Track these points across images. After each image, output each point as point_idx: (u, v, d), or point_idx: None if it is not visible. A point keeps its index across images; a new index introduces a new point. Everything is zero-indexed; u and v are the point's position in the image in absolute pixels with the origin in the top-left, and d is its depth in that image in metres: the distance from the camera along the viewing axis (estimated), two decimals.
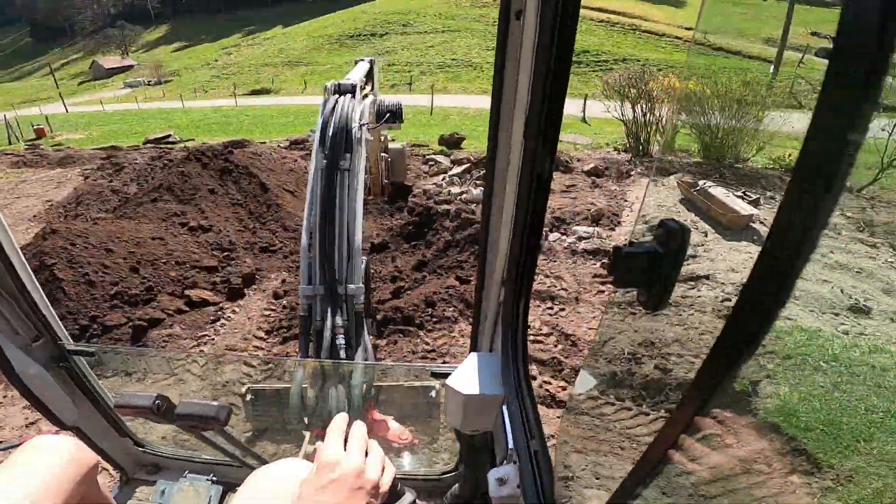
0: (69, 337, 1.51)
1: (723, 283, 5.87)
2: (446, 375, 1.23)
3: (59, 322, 1.47)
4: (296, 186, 8.21)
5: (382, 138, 4.85)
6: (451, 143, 11.86)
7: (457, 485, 1.61)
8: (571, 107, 18.16)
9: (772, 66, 24.73)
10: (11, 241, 1.27)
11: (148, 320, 4.37)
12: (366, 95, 3.23)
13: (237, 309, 5.02)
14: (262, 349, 4.40)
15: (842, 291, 4.53)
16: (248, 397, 2.49)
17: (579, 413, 3.58)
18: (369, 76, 3.81)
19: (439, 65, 30.85)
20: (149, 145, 15.72)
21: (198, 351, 4.28)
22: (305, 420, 2.02)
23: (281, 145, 12.37)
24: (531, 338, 4.71)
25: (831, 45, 0.27)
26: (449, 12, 41.28)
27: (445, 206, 7.30)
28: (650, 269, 0.52)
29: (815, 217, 0.30)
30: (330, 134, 2.42)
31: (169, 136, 17.02)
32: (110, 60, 79.54)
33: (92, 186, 9.72)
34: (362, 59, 3.73)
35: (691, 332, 4.88)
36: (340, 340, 2.04)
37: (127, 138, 17.69)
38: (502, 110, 0.98)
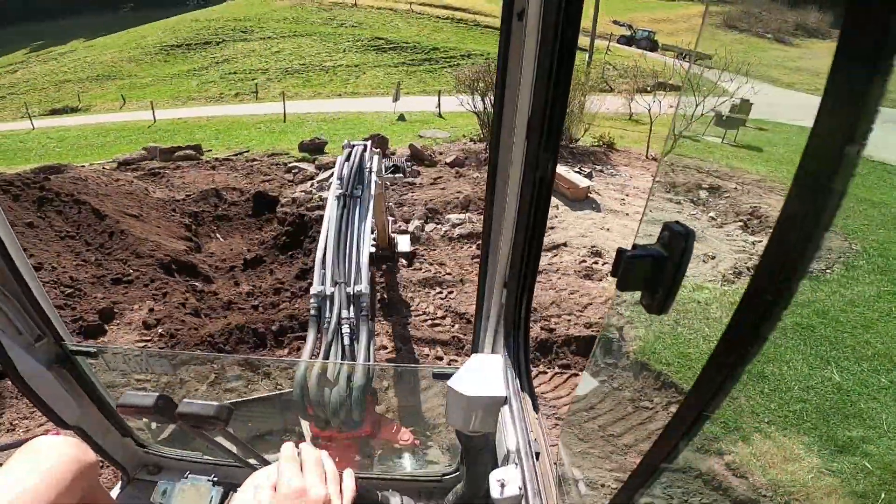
0: (72, 337, 1.51)
1: (578, 248, 6.70)
2: (448, 376, 1.24)
3: (62, 322, 1.46)
4: (140, 210, 7.30)
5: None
6: (313, 148, 11.53)
7: (458, 486, 1.59)
8: (426, 103, 18.80)
9: (587, 55, 28.05)
10: (14, 239, 1.26)
11: None
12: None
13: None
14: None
15: None
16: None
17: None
18: (380, 147, 4.45)
19: (288, 70, 29.46)
20: None
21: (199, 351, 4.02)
22: (306, 417, 2.07)
23: (107, 167, 10.76)
24: (429, 322, 4.90)
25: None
26: (294, 16, 39.53)
27: (319, 212, 7.13)
28: (654, 272, 0.52)
29: (817, 218, 0.29)
30: (346, 171, 3.13)
31: None
32: None
33: None
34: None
35: (563, 294, 5.49)
36: (346, 331, 2.24)
37: None
38: (504, 111, 0.97)
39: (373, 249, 2.96)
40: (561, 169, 8.50)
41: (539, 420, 1.11)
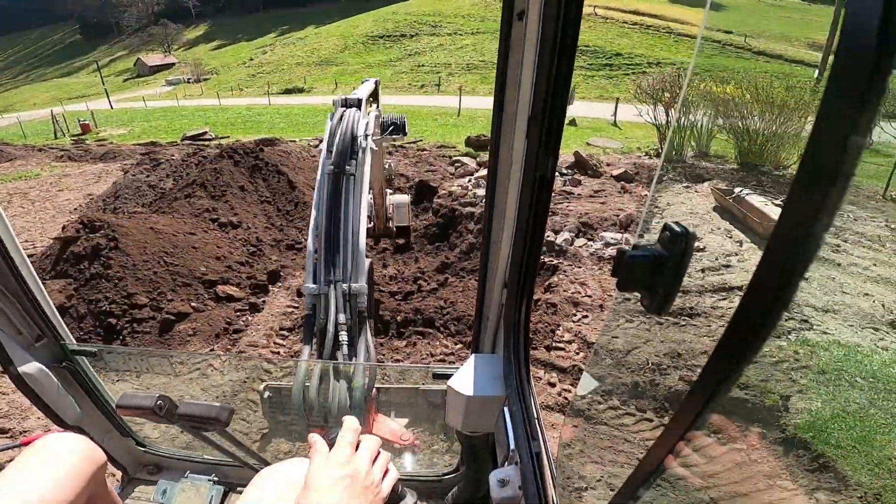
0: (71, 336, 1.52)
1: None
2: (448, 376, 1.24)
3: (62, 322, 1.48)
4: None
5: (387, 165, 5.16)
6: (478, 145, 11.82)
7: (458, 486, 1.61)
8: (602, 110, 17.84)
9: (816, 71, 23.69)
10: (14, 241, 1.28)
11: (175, 314, 4.49)
12: (369, 112, 3.42)
13: (261, 305, 5.12)
14: (283, 346, 4.47)
15: (883, 306, 4.32)
16: (266, 395, 2.53)
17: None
18: (374, 95, 3.97)
19: (468, 66, 30.79)
20: (186, 142, 16.26)
21: (209, 350, 4.37)
22: (307, 419, 2.03)
23: (311, 144, 12.59)
24: (552, 344, 4.64)
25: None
26: (479, 14, 41.22)
27: (470, 209, 7.26)
28: (654, 273, 0.52)
29: (816, 220, 0.29)
30: (337, 142, 2.59)
31: (205, 133, 17.56)
32: (153, 58, 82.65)
33: (130, 181, 10.10)
34: (367, 80, 3.85)
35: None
36: (343, 337, 2.08)
37: (166, 135, 18.35)
38: (505, 111, 0.98)
39: (369, 224, 2.62)
40: (754, 199, 7.26)
41: (539, 420, 1.09)
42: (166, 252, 5.16)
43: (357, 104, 2.94)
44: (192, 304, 4.67)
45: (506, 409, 1.16)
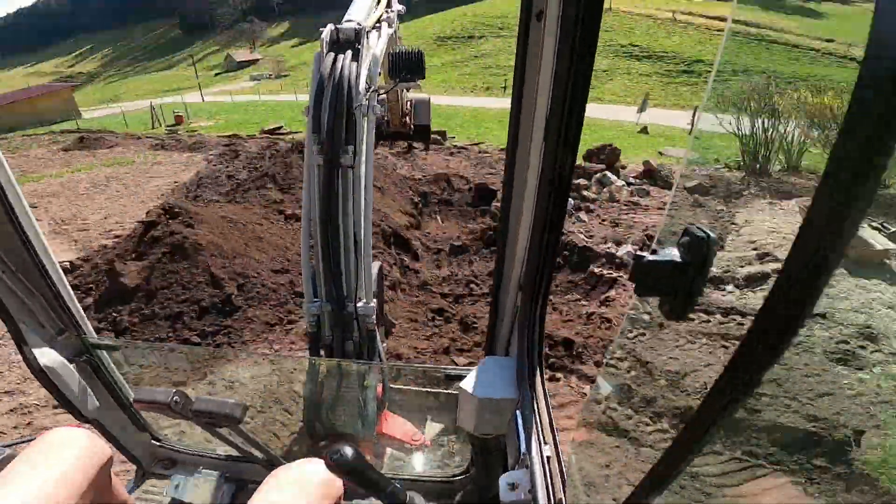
0: (92, 331, 1.53)
1: (841, 324, 5.10)
2: (460, 378, 1.24)
3: (84, 316, 1.49)
4: (384, 182, 8.51)
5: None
6: None
7: (467, 488, 1.60)
8: (678, 118, 16.89)
9: None
10: (39, 236, 1.29)
11: (234, 302, 4.74)
12: (378, 26, 2.44)
13: None
14: None
15: None
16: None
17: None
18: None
19: None
20: (263, 135, 17.27)
21: (247, 342, 4.52)
22: (320, 424, 1.99)
23: None
24: (603, 360, 4.46)
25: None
26: None
27: None
28: (673, 278, 0.50)
29: (840, 225, 0.29)
30: (326, 117, 1.79)
31: (281, 127, 18.55)
32: (241, 54, 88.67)
33: (212, 171, 10.86)
34: None
35: (794, 374, 4.32)
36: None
37: (247, 128, 19.58)
38: (523, 112, 0.97)
39: (380, 113, 1.89)
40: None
41: (551, 424, 1.08)
42: (234, 240, 5.47)
43: (354, 39, 1.95)
44: (252, 293, 4.91)
45: (518, 412, 1.14)
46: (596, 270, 5.65)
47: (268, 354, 4.29)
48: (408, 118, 3.55)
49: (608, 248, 6.47)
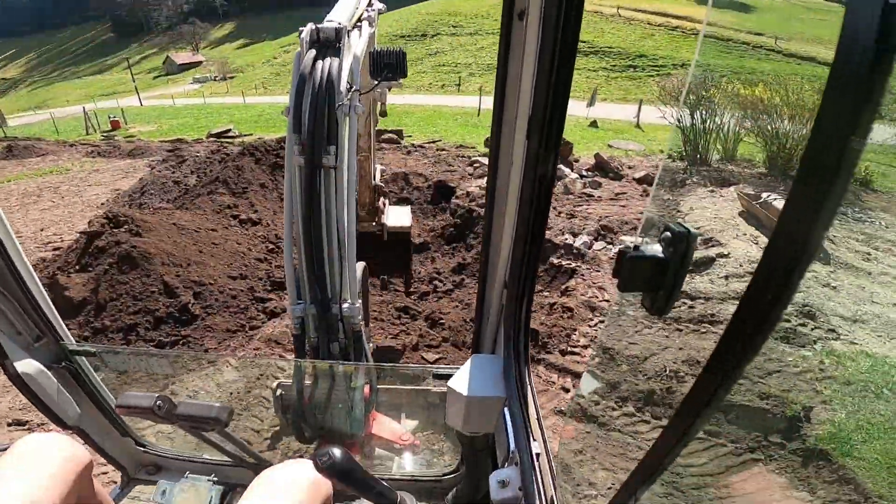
0: (71, 337, 1.50)
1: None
2: (448, 377, 1.24)
3: (62, 322, 1.46)
4: None
5: (379, 105, 3.80)
6: None
7: (458, 487, 1.60)
8: (624, 112, 17.57)
9: None
10: (14, 241, 1.27)
11: (192, 310, 4.57)
12: (359, 25, 2.43)
13: (277, 302, 5.17)
14: None
15: None
16: (279, 392, 2.53)
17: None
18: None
19: (489, 66, 30.72)
20: (210, 139, 16.58)
21: (222, 347, 4.42)
22: (306, 424, 1.97)
23: None
24: (567, 349, 4.58)
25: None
26: (499, 14, 41.25)
27: None
28: (655, 274, 0.51)
29: (814, 224, 0.29)
30: (307, 114, 1.80)
31: (229, 130, 17.87)
32: (182, 56, 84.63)
33: (157, 177, 10.33)
34: None
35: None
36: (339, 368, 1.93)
37: (192, 132, 18.73)
38: (505, 111, 0.98)
39: (361, 112, 1.91)
40: (782, 205, 7.09)
41: (539, 421, 1.09)
42: (187, 247, 5.25)
43: (335, 39, 1.96)
44: (210, 300, 4.74)
45: (506, 409, 1.16)
46: (555, 261, 5.81)
47: (255, 358, 4.19)
48: (381, 217, 3.56)
49: (566, 239, 6.66)
